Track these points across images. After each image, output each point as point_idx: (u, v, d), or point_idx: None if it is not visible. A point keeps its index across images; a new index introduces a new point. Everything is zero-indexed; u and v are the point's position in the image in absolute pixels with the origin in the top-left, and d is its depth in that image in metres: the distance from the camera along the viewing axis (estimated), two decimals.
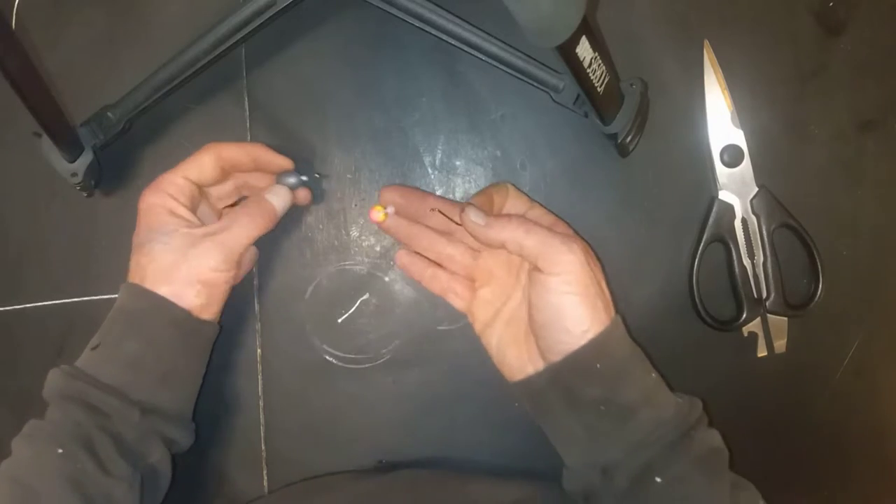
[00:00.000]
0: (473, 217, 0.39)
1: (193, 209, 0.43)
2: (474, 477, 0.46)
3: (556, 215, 0.43)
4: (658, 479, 0.36)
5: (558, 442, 0.41)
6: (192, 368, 0.44)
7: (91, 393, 0.39)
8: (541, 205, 0.44)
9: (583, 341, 0.38)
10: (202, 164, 0.43)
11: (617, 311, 0.40)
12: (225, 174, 0.44)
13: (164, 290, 0.41)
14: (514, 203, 0.44)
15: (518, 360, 0.42)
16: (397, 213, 0.45)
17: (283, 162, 0.45)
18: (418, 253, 0.45)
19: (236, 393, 0.49)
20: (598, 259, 0.41)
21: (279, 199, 0.44)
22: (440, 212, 0.44)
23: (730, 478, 0.38)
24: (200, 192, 0.44)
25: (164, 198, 0.42)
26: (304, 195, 0.46)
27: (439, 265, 0.45)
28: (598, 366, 0.38)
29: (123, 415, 0.39)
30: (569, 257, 0.38)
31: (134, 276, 0.41)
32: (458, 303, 0.45)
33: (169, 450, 0.42)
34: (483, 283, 0.45)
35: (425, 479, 0.46)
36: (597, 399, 0.38)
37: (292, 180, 0.45)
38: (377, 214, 0.44)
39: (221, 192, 0.46)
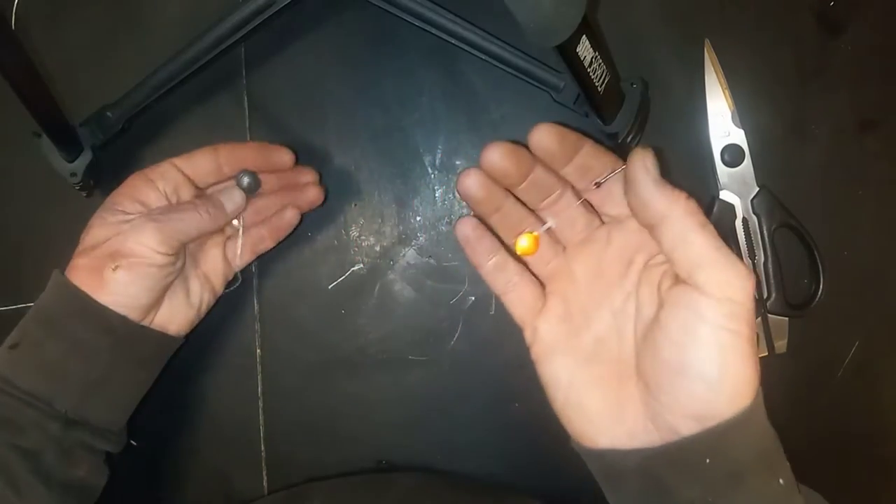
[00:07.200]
0: (648, 163, 0.28)
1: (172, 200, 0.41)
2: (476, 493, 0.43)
3: None
4: None
5: None
6: (131, 379, 0.40)
7: (5, 402, 0.35)
8: None
9: (718, 409, 0.27)
10: (194, 156, 0.42)
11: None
12: (220, 170, 0.42)
13: (83, 276, 0.37)
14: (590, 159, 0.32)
15: (604, 415, 0.30)
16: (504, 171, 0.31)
17: (284, 156, 0.43)
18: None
19: (236, 393, 0.48)
20: None
21: (231, 202, 0.41)
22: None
23: None
24: (192, 188, 0.42)
25: (139, 178, 0.40)
26: (315, 195, 0.44)
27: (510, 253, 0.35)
28: (708, 461, 0.27)
29: (42, 428, 0.35)
30: (743, 282, 0.26)
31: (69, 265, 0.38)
32: (518, 309, 0.35)
33: (98, 458, 0.39)
34: (556, 290, 0.34)
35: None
36: (692, 502, 0.28)
37: (246, 179, 0.42)
38: (524, 242, 0.33)
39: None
